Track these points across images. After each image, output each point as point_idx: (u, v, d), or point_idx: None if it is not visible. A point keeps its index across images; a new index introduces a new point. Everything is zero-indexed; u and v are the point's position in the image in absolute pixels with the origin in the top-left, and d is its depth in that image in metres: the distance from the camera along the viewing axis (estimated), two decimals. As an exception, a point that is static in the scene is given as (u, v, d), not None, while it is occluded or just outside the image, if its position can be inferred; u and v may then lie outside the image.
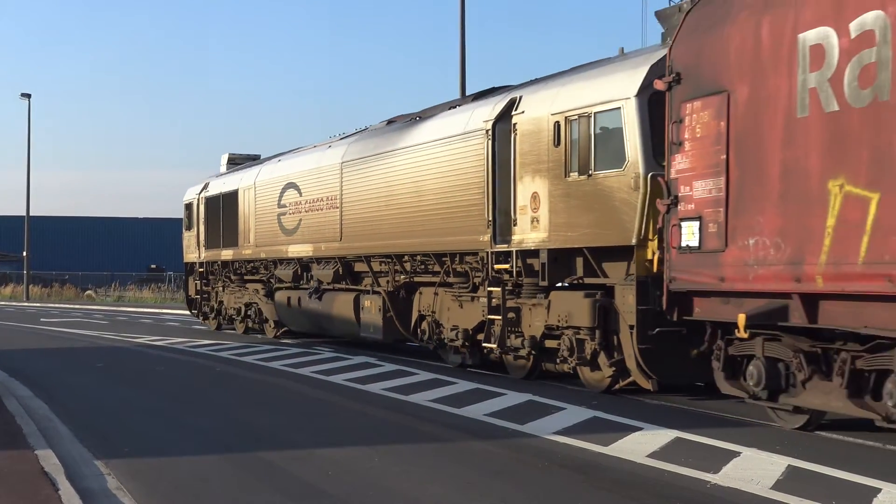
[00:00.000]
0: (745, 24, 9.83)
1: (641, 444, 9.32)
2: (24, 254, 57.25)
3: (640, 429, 10.15)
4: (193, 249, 27.90)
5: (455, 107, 16.78)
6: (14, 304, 52.15)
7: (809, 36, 9.11)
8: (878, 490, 7.51)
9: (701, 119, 10.37)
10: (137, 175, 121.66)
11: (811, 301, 9.23)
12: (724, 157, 10.05)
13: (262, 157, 26.54)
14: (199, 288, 27.87)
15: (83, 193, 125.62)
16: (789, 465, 8.40)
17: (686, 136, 10.56)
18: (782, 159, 9.36)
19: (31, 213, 57.76)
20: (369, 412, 11.84)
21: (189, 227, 28.17)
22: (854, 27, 8.66)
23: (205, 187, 27.07)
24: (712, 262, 10.20)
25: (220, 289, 26.45)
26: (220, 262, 26.21)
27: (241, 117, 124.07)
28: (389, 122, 19.61)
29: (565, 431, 10.06)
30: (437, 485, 7.92)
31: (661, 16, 12.44)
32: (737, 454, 8.86)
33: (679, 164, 10.68)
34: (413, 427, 10.80)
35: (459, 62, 27.00)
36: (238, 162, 27.39)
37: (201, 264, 27.58)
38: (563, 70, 14.70)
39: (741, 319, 9.76)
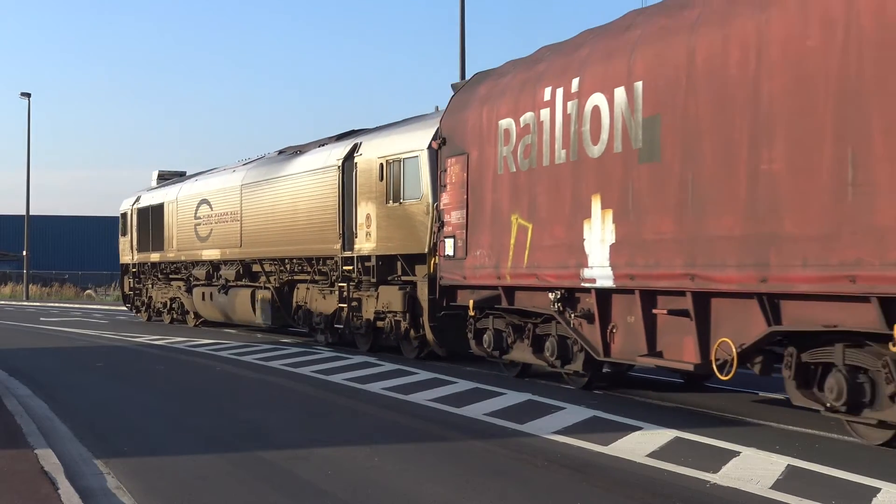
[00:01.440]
0: (475, 111, 14.66)
1: (641, 444, 9.36)
2: (24, 253, 57.26)
3: (639, 428, 10.19)
4: (127, 252, 32.76)
5: (323, 145, 21.36)
6: (14, 303, 51.97)
7: (503, 122, 13.90)
8: (878, 490, 7.49)
9: (454, 170, 15.10)
10: (140, 174, 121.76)
11: (509, 291, 14.01)
12: (465, 197, 14.76)
13: (186, 174, 31.64)
14: (132, 285, 32.89)
15: (83, 193, 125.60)
16: (789, 464, 8.40)
17: (447, 181, 15.29)
18: (492, 200, 14.14)
19: (30, 213, 57.82)
20: (369, 411, 11.89)
21: (124, 234, 33.07)
22: (522, 120, 13.43)
23: (137, 199, 31.83)
24: (460, 266, 14.97)
25: (150, 286, 31.35)
26: (149, 264, 31.06)
27: (238, 116, 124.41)
28: (280, 152, 24.09)
29: (565, 431, 10.11)
30: (437, 484, 7.92)
31: (454, 87, 16.40)
32: (736, 454, 8.87)
33: (444, 199, 15.40)
34: (413, 426, 10.83)
35: (459, 60, 27.27)
36: (167, 177, 32.21)
37: (134, 265, 32.47)
38: (392, 122, 19.57)
39: (471, 304, 14.83)
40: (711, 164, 10.13)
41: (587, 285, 12.12)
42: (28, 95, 55.02)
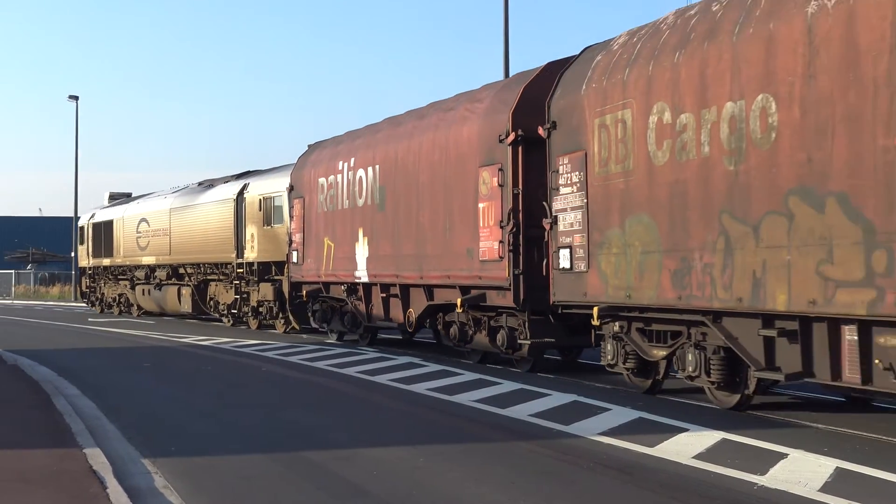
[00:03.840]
0: (308, 170, 22.67)
1: (687, 446, 9.32)
2: (73, 254, 57.97)
3: (685, 430, 10.14)
4: (84, 258, 40.95)
5: (227, 181, 29.59)
6: (62, 304, 52.84)
7: (320, 180, 21.84)
8: (928, 493, 7.46)
9: (297, 207, 23.09)
10: (183, 176, 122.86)
11: (325, 286, 21.91)
12: (302, 225, 22.71)
13: (132, 195, 40.37)
14: (88, 284, 41.06)
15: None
16: (837, 466, 8.34)
17: (294, 214, 23.23)
18: (315, 228, 22.08)
19: (78, 214, 58.39)
20: (414, 412, 11.96)
21: (82, 243, 41.52)
22: (329, 180, 21.46)
23: (92, 216, 40.28)
24: (300, 269, 22.94)
25: (102, 285, 39.44)
26: (102, 267, 38.95)
27: (266, 117, 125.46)
28: (199, 184, 32.39)
29: (610, 432, 10.09)
30: (482, 485, 7.95)
31: (309, 147, 23.87)
32: (784, 456, 8.81)
33: (292, 226, 23.34)
34: (458, 427, 10.88)
35: (503, 44, 28.32)
36: (116, 198, 40.99)
37: (90, 268, 40.43)
38: (274, 167, 27.66)
39: (304, 293, 22.70)
40: (404, 216, 18.30)
41: (357, 281, 20.21)
42: (76, 98, 55.71)
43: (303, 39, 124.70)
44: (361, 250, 19.90)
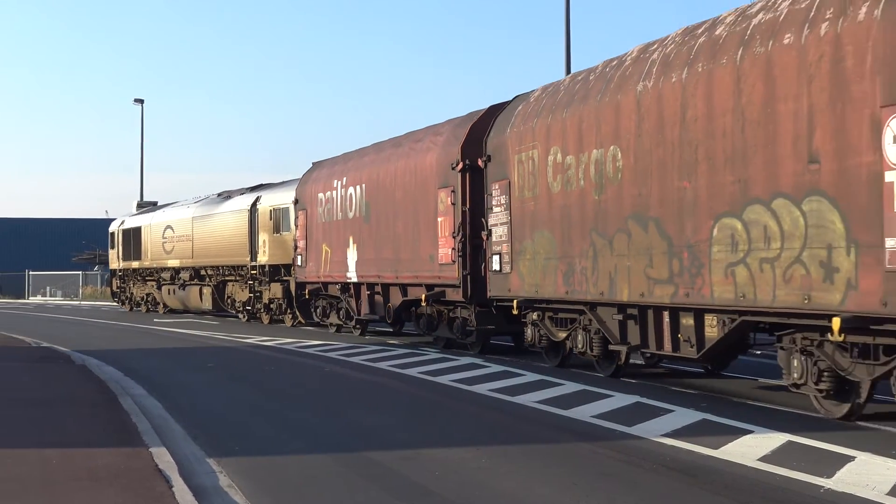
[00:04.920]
0: (310, 186, 27.13)
1: (752, 448, 9.25)
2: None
3: (750, 432, 10.07)
4: (115, 261, 45.71)
5: (244, 193, 33.70)
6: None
7: (319, 195, 26.35)
8: None
9: (301, 218, 27.25)
10: (239, 178, 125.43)
11: (324, 285, 26.24)
12: (305, 233, 26.82)
13: (158, 204, 45.54)
14: (118, 285, 45.93)
15: (188, 195, 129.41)
16: (905, 469, 8.25)
17: (299, 223, 27.38)
18: (315, 236, 26.39)
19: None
20: (475, 413, 12.08)
21: (112, 247, 46.15)
22: (327, 195, 24.83)
23: (122, 223, 45.20)
24: (304, 271, 27.15)
25: (131, 285, 44.13)
26: (131, 269, 43.67)
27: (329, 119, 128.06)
28: (219, 195, 36.47)
29: (674, 434, 10.03)
30: (544, 485, 7.95)
31: (313, 164, 28.34)
32: (851, 458, 8.70)
33: (297, 234, 27.57)
34: (519, 428, 10.94)
35: (564, 41, 29.66)
36: (143, 206, 47.32)
37: (119, 270, 45.32)
38: (283, 181, 31.88)
39: (307, 292, 27.18)
40: (384, 227, 22.31)
41: (349, 281, 24.29)
42: (141, 101, 57.15)
43: (354, 40, 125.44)
44: (352, 255, 23.89)
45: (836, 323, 9.75)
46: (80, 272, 64.16)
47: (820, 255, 9.99)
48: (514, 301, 16.82)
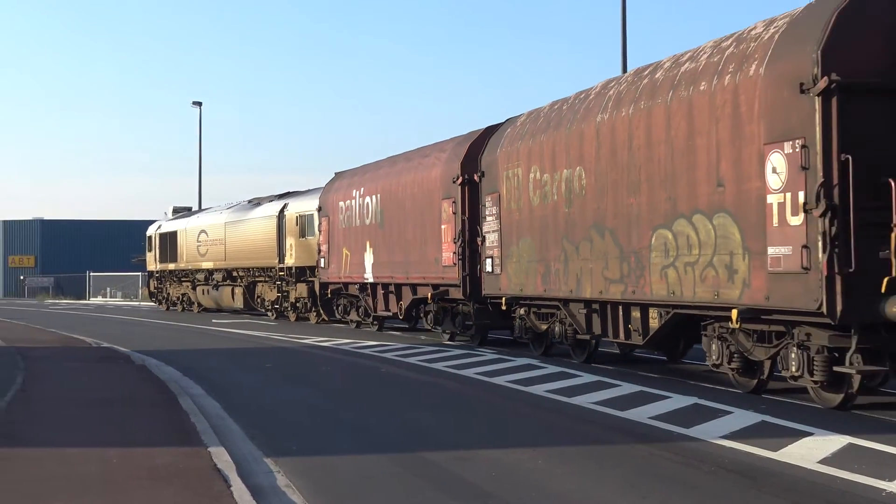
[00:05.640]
0: (332, 195, 30.28)
1: (812, 450, 9.17)
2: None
3: (810, 434, 10.00)
4: (152, 263, 48.39)
5: (272, 200, 36.41)
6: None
7: (340, 203, 28.95)
8: None
9: (324, 224, 29.96)
10: (291, 179, 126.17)
11: (345, 285, 29.23)
12: (328, 238, 29.50)
13: (192, 210, 49.18)
14: (155, 286, 48.85)
15: (244, 196, 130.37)
16: (968, 471, 8.20)
17: (322, 229, 30.06)
18: (337, 240, 29.05)
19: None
20: (531, 414, 12.08)
21: (150, 250, 48.67)
22: (346, 203, 28.61)
23: (159, 227, 47.85)
24: (326, 273, 29.91)
25: (168, 286, 47.05)
26: (167, 271, 46.54)
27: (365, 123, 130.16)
28: (249, 201, 39.35)
29: (732, 436, 9.97)
30: (601, 487, 7.98)
31: (336, 174, 31.25)
32: None
33: (320, 238, 30.26)
34: (576, 429, 10.94)
35: (621, 42, 32.65)
36: (178, 211, 49.20)
37: (156, 272, 48.14)
38: (308, 189, 34.91)
39: (329, 291, 30.23)
40: (396, 233, 24.97)
41: (366, 281, 27.00)
42: (199, 104, 57.82)
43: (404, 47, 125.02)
44: (368, 258, 26.61)
45: (734, 314, 12.32)
46: (140, 273, 63.60)
47: (725, 259, 12.54)
48: (503, 298, 19.44)
